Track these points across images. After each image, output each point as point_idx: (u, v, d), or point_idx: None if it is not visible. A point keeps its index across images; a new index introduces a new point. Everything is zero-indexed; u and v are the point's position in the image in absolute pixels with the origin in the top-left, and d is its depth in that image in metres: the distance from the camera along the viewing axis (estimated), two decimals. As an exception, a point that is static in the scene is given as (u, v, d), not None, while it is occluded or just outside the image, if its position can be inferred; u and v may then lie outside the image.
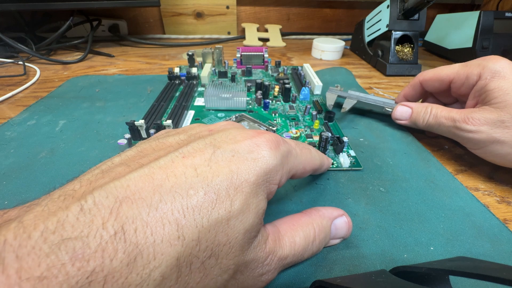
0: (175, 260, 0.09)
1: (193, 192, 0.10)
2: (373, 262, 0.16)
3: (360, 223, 0.19)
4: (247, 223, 0.11)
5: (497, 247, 0.18)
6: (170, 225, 0.09)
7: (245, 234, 0.11)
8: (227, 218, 0.10)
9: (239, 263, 0.11)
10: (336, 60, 0.54)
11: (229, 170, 0.11)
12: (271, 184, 0.13)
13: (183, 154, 0.11)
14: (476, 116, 0.22)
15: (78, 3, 0.46)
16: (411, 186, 0.22)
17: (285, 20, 0.71)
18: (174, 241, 0.09)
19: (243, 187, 0.11)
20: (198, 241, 0.10)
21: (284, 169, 0.13)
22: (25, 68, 0.42)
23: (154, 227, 0.09)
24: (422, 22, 0.45)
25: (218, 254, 0.10)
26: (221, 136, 0.13)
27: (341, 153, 0.25)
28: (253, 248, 0.12)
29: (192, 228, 0.10)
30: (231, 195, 0.11)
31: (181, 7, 0.64)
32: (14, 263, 0.07)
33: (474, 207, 0.20)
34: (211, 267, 0.10)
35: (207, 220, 0.10)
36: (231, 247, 0.11)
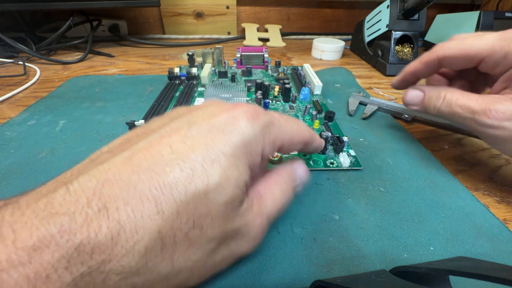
0: (157, 233, 0.10)
1: (169, 169, 0.10)
2: (373, 262, 0.16)
3: (360, 223, 0.19)
4: (227, 195, 0.11)
5: (497, 247, 0.18)
6: (149, 201, 0.10)
7: (227, 205, 0.11)
8: (205, 191, 0.11)
9: (227, 231, 0.12)
10: (336, 60, 0.54)
11: (204, 144, 0.11)
12: (253, 156, 0.13)
13: (160, 135, 0.12)
14: (500, 108, 0.18)
15: (78, 3, 0.46)
16: (411, 186, 0.22)
17: (285, 20, 0.71)
18: (154, 216, 0.10)
19: (220, 160, 0.11)
20: (178, 215, 0.10)
21: (265, 139, 0.13)
22: (25, 68, 0.42)
23: (134, 204, 0.10)
24: (422, 22, 0.45)
25: (202, 225, 0.11)
26: (198, 113, 0.13)
27: (341, 152, 0.25)
28: (241, 216, 0.12)
29: (171, 203, 0.10)
30: (207, 169, 0.11)
31: (181, 7, 0.64)
32: (10, 235, 0.08)
33: (474, 207, 0.20)
34: (197, 237, 0.11)
35: (185, 195, 0.10)
36: (213, 218, 0.11)
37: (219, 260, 0.13)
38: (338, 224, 0.19)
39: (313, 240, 0.18)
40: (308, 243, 0.17)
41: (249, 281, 0.15)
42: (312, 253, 0.17)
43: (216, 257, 0.12)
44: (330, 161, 0.24)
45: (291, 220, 0.19)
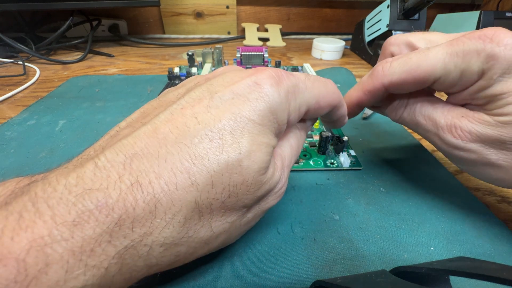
0: (194, 204, 0.10)
1: (198, 140, 0.10)
2: (373, 262, 0.16)
3: (360, 223, 0.19)
4: (259, 161, 0.11)
5: (497, 247, 0.18)
6: (181, 174, 0.10)
7: (260, 171, 0.11)
8: (238, 160, 0.11)
9: (260, 195, 0.12)
10: (336, 60, 0.54)
11: (231, 113, 0.11)
12: (279, 124, 0.12)
13: (181, 105, 0.11)
14: (467, 127, 0.15)
15: (78, 3, 0.46)
16: (411, 186, 0.22)
17: (285, 20, 0.71)
18: (189, 187, 0.10)
19: (248, 128, 0.11)
20: (213, 185, 0.10)
21: (291, 106, 0.13)
22: (25, 68, 0.42)
23: (167, 177, 0.10)
24: (422, 22, 0.45)
25: (237, 193, 0.11)
26: (218, 81, 0.12)
27: (341, 152, 0.25)
28: (270, 179, 0.12)
29: (204, 174, 0.10)
30: (237, 138, 0.11)
31: (181, 7, 0.64)
32: (47, 210, 0.08)
33: (475, 207, 0.20)
34: (233, 204, 0.11)
35: (218, 165, 0.10)
36: (248, 186, 0.11)
37: (251, 217, 0.13)
38: (338, 224, 0.19)
39: (313, 240, 0.18)
40: (308, 243, 0.17)
41: (249, 281, 0.15)
42: (312, 253, 0.17)
43: (249, 215, 0.13)
44: (330, 161, 0.24)
45: (291, 220, 0.19)
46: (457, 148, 0.16)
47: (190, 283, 0.15)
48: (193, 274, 0.15)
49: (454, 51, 0.14)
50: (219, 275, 0.15)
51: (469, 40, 0.14)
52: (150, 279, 0.14)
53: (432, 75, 0.15)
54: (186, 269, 0.16)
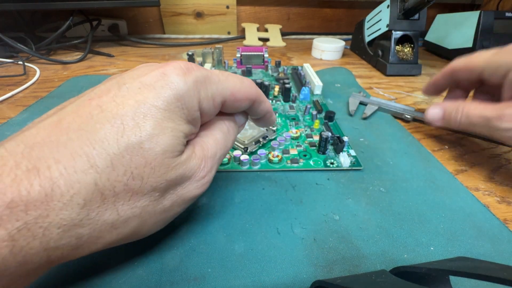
0: (94, 185, 0.10)
1: (100, 126, 0.11)
2: (373, 262, 0.16)
3: (360, 223, 0.19)
4: (164, 145, 0.12)
5: (497, 247, 0.18)
6: (80, 157, 0.10)
7: (165, 155, 0.12)
8: (138, 142, 0.11)
9: (170, 180, 0.12)
10: (336, 60, 0.54)
11: (135, 101, 0.11)
12: (189, 110, 0.13)
13: (89, 97, 0.12)
14: (510, 111, 0.20)
15: (78, 3, 0.46)
16: (411, 186, 0.22)
17: (285, 20, 0.71)
18: (88, 170, 0.10)
19: (152, 113, 0.11)
20: (113, 167, 0.11)
21: (201, 94, 0.13)
22: (25, 68, 0.42)
23: (66, 161, 0.10)
24: (422, 22, 0.45)
25: (142, 176, 0.11)
26: (128, 74, 0.13)
27: (341, 152, 0.25)
28: (182, 164, 0.13)
29: (104, 156, 0.10)
30: (139, 122, 0.11)
31: (181, 7, 0.64)
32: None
33: (474, 207, 0.20)
34: (139, 188, 0.11)
35: (117, 147, 0.11)
36: (153, 168, 0.11)
37: (169, 204, 0.13)
38: (338, 224, 0.19)
39: (313, 240, 0.18)
40: (308, 243, 0.17)
41: (249, 281, 0.15)
42: (312, 253, 0.17)
43: (165, 202, 0.13)
44: (330, 161, 0.24)
45: (291, 220, 0.19)
46: (508, 130, 0.21)
47: (191, 283, 0.15)
48: (193, 274, 0.16)
49: (498, 51, 0.23)
50: (219, 275, 0.16)
51: (509, 47, 0.22)
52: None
53: (478, 66, 0.24)
54: (187, 269, 0.16)
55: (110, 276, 0.15)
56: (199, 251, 0.17)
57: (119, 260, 0.16)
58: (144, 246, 0.17)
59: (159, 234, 0.18)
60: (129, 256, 0.16)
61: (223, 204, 0.20)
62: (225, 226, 0.18)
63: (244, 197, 0.21)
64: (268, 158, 0.24)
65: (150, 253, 0.17)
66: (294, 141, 0.27)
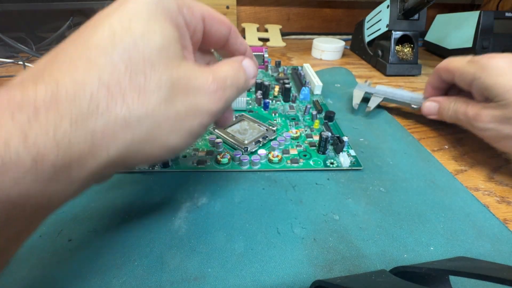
0: (97, 81, 0.11)
1: (93, 33, 0.11)
2: (373, 262, 0.16)
3: (360, 223, 0.19)
4: (157, 42, 0.12)
5: (497, 247, 0.18)
6: (80, 59, 0.11)
7: (161, 52, 0.12)
8: (132, 41, 0.11)
9: (174, 79, 0.12)
10: (336, 60, 0.54)
11: (118, 10, 0.12)
12: (170, 12, 0.13)
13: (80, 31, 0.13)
14: (483, 113, 0.22)
15: (78, 3, 0.46)
16: (411, 186, 0.22)
17: (285, 20, 0.71)
18: (90, 69, 0.11)
19: (137, 16, 0.12)
20: (114, 65, 0.11)
21: (179, 1, 0.14)
22: (25, 68, 0.42)
23: (66, 67, 0.11)
24: (422, 22, 0.45)
25: (144, 72, 0.11)
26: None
27: (341, 152, 0.25)
28: (186, 67, 0.13)
29: (103, 56, 0.11)
30: (127, 25, 0.12)
31: (181, 7, 0.64)
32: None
33: (474, 207, 0.20)
34: (144, 83, 0.11)
35: (113, 48, 0.11)
36: (152, 64, 0.12)
37: (183, 110, 0.13)
38: (338, 224, 0.19)
39: (313, 240, 0.18)
40: (308, 243, 0.17)
41: (249, 281, 0.15)
42: (312, 253, 0.17)
43: (178, 106, 0.13)
44: (330, 161, 0.24)
45: (291, 220, 0.19)
46: (482, 129, 0.23)
47: (191, 283, 0.15)
48: (193, 274, 0.16)
49: (465, 61, 0.25)
50: (219, 275, 0.16)
51: (478, 58, 0.24)
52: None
53: (451, 72, 0.26)
54: (187, 268, 0.16)
55: (110, 276, 0.15)
56: (199, 251, 0.17)
57: (119, 260, 0.16)
58: (144, 246, 0.17)
59: (159, 234, 0.18)
60: (129, 256, 0.16)
61: (223, 204, 0.20)
62: (225, 226, 0.18)
63: (244, 197, 0.21)
64: (268, 158, 0.24)
65: (150, 253, 0.17)
66: (294, 141, 0.27)
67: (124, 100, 0.11)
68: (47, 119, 0.09)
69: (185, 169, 0.23)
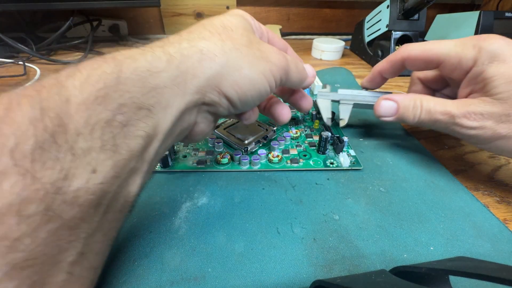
0: (203, 29, 0.17)
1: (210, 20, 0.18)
2: (373, 262, 0.16)
3: (360, 223, 0.19)
4: (242, 26, 0.18)
5: (497, 247, 0.18)
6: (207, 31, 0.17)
7: (245, 29, 0.18)
8: (229, 22, 0.18)
9: (250, 37, 0.17)
10: (336, 60, 0.54)
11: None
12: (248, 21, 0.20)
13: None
14: (477, 110, 0.19)
15: (78, 3, 0.46)
16: (411, 186, 0.22)
17: (285, 20, 0.71)
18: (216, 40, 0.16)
19: (229, 19, 0.18)
20: (213, 27, 0.17)
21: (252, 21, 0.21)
22: (25, 68, 0.42)
23: (194, 37, 0.16)
24: (422, 22, 0.45)
25: (232, 29, 0.17)
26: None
27: (341, 152, 0.25)
28: (256, 37, 0.18)
29: (210, 25, 0.17)
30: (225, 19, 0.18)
31: (181, 7, 0.64)
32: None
33: (474, 207, 0.20)
34: (232, 33, 0.17)
35: (223, 27, 0.17)
36: (235, 27, 0.17)
37: (259, 54, 0.17)
38: (338, 224, 0.19)
39: (313, 240, 0.18)
40: (308, 243, 0.17)
41: (249, 281, 0.15)
42: (312, 253, 0.17)
43: (254, 50, 0.17)
44: (330, 161, 0.24)
45: (291, 220, 0.19)
46: (474, 128, 0.19)
47: (191, 283, 0.15)
48: (193, 274, 0.16)
49: (458, 44, 0.21)
50: (219, 275, 0.16)
51: (471, 39, 0.20)
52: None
53: (438, 58, 0.21)
54: (187, 268, 0.16)
55: (110, 276, 0.15)
56: (199, 251, 0.17)
57: (119, 260, 0.16)
58: (144, 246, 0.17)
59: (159, 234, 0.18)
60: (129, 256, 0.16)
61: (223, 204, 0.20)
62: (225, 226, 0.18)
63: (244, 197, 0.21)
64: (268, 158, 0.24)
65: (150, 253, 0.17)
66: (294, 141, 0.27)
67: (221, 37, 0.16)
68: (179, 42, 0.15)
69: (185, 169, 0.23)
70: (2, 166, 0.09)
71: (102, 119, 0.11)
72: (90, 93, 0.11)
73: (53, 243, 0.10)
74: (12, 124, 0.09)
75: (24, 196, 0.09)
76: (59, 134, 0.10)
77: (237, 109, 0.17)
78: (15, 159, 0.09)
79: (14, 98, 0.10)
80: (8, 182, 0.09)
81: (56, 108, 0.10)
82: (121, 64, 0.13)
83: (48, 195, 0.09)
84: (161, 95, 0.13)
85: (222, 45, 0.15)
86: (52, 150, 0.10)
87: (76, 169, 0.10)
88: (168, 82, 0.14)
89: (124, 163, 0.12)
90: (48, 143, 0.10)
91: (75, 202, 0.10)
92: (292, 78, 0.19)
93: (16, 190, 0.09)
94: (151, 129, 0.13)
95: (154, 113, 0.13)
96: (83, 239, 0.11)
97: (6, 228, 0.08)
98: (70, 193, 0.10)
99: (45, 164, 0.09)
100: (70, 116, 0.10)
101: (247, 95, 0.16)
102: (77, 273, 0.11)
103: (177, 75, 0.14)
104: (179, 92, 0.14)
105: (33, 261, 0.09)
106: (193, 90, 0.15)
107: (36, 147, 0.09)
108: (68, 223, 0.10)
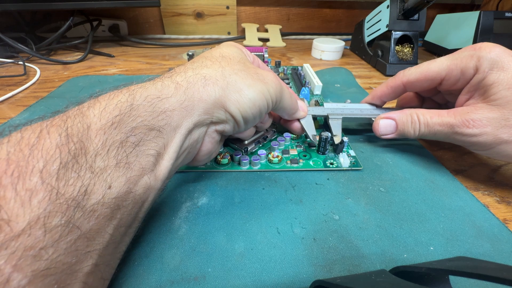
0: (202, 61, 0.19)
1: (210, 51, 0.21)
2: (373, 262, 0.16)
3: (360, 223, 0.19)
4: (238, 57, 0.20)
5: (497, 247, 0.18)
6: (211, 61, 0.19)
7: (240, 59, 0.20)
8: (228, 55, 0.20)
9: (245, 63, 0.20)
10: (336, 60, 0.54)
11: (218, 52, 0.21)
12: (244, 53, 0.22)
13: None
14: (476, 117, 0.20)
15: (78, 3, 0.46)
16: (411, 186, 0.22)
17: (285, 20, 0.71)
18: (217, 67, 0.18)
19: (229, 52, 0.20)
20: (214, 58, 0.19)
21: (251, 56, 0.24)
22: (25, 68, 0.42)
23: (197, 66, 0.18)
24: (422, 22, 0.45)
25: (229, 58, 0.20)
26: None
27: (341, 153, 0.25)
28: (255, 68, 0.20)
29: (210, 56, 0.20)
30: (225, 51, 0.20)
31: (181, 7, 0.64)
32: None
33: (474, 207, 0.20)
34: (230, 61, 0.19)
35: (220, 54, 0.20)
36: (232, 57, 0.20)
37: (256, 76, 0.19)
38: (338, 224, 0.19)
39: (313, 240, 0.18)
40: (308, 243, 0.17)
41: (249, 281, 0.15)
42: (312, 253, 0.17)
43: (251, 73, 0.19)
44: (330, 161, 0.24)
45: (291, 220, 0.19)
46: (476, 135, 0.20)
47: (191, 283, 0.15)
48: (193, 274, 0.16)
49: (455, 57, 0.22)
50: (219, 275, 0.16)
51: (465, 50, 0.21)
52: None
53: (439, 74, 0.22)
54: (187, 268, 0.16)
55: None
56: (199, 251, 0.17)
57: (119, 260, 0.16)
58: (144, 246, 0.17)
59: (159, 233, 0.18)
60: (129, 256, 0.16)
61: (223, 204, 0.20)
62: (225, 226, 0.18)
63: (244, 197, 0.21)
64: (268, 158, 0.24)
65: (150, 253, 0.17)
66: (294, 141, 0.27)
67: (220, 64, 0.18)
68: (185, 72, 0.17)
69: (185, 169, 0.23)
70: (33, 185, 0.10)
71: (117, 140, 0.13)
72: (107, 119, 0.13)
73: (72, 254, 0.10)
74: (42, 150, 0.11)
75: (49, 210, 0.10)
76: (81, 155, 0.11)
77: (241, 127, 0.19)
78: (43, 178, 0.10)
79: (44, 127, 0.11)
80: (37, 198, 0.10)
81: (79, 134, 0.12)
82: (134, 93, 0.14)
83: (69, 208, 0.10)
84: (171, 117, 0.15)
85: (222, 71, 0.18)
86: (74, 169, 0.11)
87: (94, 185, 0.12)
88: (177, 106, 0.16)
89: (136, 179, 0.13)
90: (71, 163, 0.11)
91: (92, 215, 0.11)
92: (285, 102, 0.21)
93: (43, 205, 0.10)
94: (161, 148, 0.15)
95: (164, 133, 0.15)
96: (98, 251, 0.12)
97: (34, 239, 0.09)
98: (89, 207, 0.11)
99: (68, 182, 0.11)
100: (90, 140, 0.12)
101: (248, 112, 0.18)
102: (91, 283, 0.12)
103: (184, 99, 0.16)
104: (187, 114, 0.16)
105: (54, 269, 0.10)
106: (201, 112, 0.17)
107: (61, 167, 0.11)
108: (86, 234, 0.11)
